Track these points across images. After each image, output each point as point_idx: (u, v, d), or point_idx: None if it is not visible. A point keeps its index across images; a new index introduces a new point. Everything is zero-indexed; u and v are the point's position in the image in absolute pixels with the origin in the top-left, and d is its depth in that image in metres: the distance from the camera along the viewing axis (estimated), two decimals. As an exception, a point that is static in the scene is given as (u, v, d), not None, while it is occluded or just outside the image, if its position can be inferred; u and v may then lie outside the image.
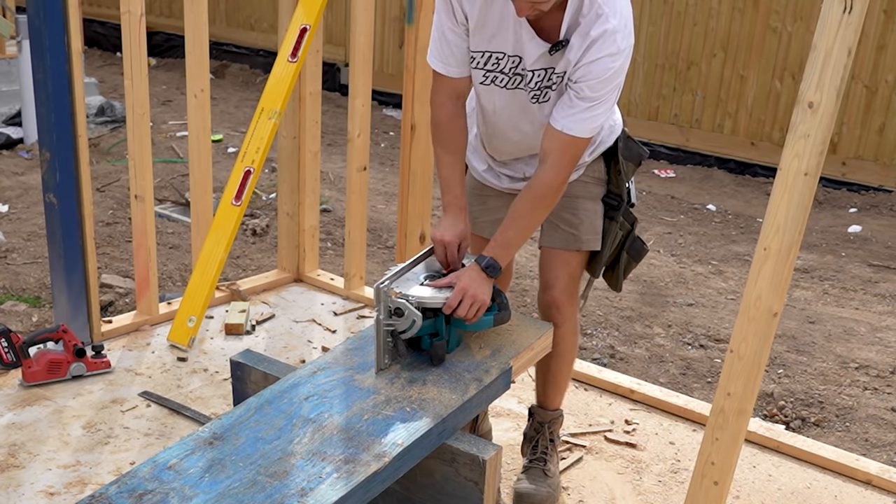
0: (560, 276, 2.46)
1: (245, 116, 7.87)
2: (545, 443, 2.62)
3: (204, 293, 3.37)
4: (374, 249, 5.02)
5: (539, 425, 2.65)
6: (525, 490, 2.52)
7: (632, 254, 2.53)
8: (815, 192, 1.95)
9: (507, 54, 2.21)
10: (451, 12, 2.21)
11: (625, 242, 2.51)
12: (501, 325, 2.34)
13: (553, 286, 2.46)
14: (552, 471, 2.59)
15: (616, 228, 2.46)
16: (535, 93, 2.25)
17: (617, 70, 2.12)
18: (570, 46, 2.12)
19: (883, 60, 6.48)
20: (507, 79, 2.25)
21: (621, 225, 2.47)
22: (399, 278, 2.22)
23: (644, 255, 2.56)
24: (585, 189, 2.44)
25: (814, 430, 3.41)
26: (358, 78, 3.58)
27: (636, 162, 2.49)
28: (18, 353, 2.98)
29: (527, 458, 2.64)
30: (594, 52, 2.09)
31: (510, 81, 2.25)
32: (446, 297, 2.17)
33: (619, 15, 2.10)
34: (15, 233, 4.81)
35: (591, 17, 2.09)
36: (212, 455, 1.81)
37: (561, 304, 2.46)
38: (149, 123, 3.29)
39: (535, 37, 2.15)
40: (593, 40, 2.09)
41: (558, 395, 2.65)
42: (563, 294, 2.46)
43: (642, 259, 2.57)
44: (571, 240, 2.44)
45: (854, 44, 1.84)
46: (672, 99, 7.38)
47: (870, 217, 6.25)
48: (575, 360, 2.68)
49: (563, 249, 2.45)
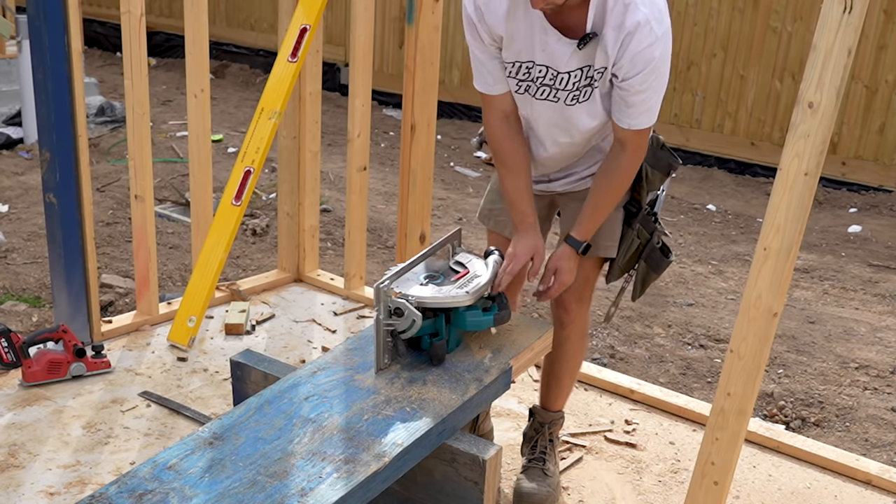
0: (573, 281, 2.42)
1: (245, 116, 7.87)
2: (544, 443, 2.63)
3: (204, 293, 3.37)
4: (374, 249, 5.02)
5: (539, 425, 2.65)
6: (525, 489, 2.53)
7: (650, 264, 2.49)
8: (815, 192, 1.95)
9: (535, 63, 2.20)
10: (476, 35, 2.24)
11: (642, 251, 2.47)
12: (501, 325, 2.34)
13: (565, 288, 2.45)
14: (551, 470, 2.59)
15: (632, 235, 2.44)
16: (574, 94, 2.22)
17: (660, 57, 2.10)
18: (605, 41, 2.10)
19: (883, 60, 6.48)
20: (537, 88, 2.25)
21: (639, 233, 2.44)
22: (399, 278, 2.22)
23: (665, 266, 2.50)
24: None
25: (814, 430, 3.41)
26: (358, 78, 3.58)
27: (664, 171, 2.44)
28: (18, 353, 2.98)
29: (525, 458, 2.64)
30: (634, 46, 2.07)
31: (540, 91, 2.25)
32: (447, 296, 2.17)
33: (647, 1, 2.07)
34: (15, 233, 4.81)
35: (618, 9, 2.06)
36: (212, 455, 1.82)
37: (568, 304, 2.48)
38: (149, 123, 3.29)
39: (561, 38, 2.14)
40: (629, 33, 2.07)
41: (560, 398, 2.65)
42: (572, 295, 2.46)
43: (663, 271, 2.52)
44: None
45: (854, 44, 1.84)
46: (672, 99, 7.38)
47: (870, 217, 6.25)
48: (581, 365, 2.67)
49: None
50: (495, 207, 2.54)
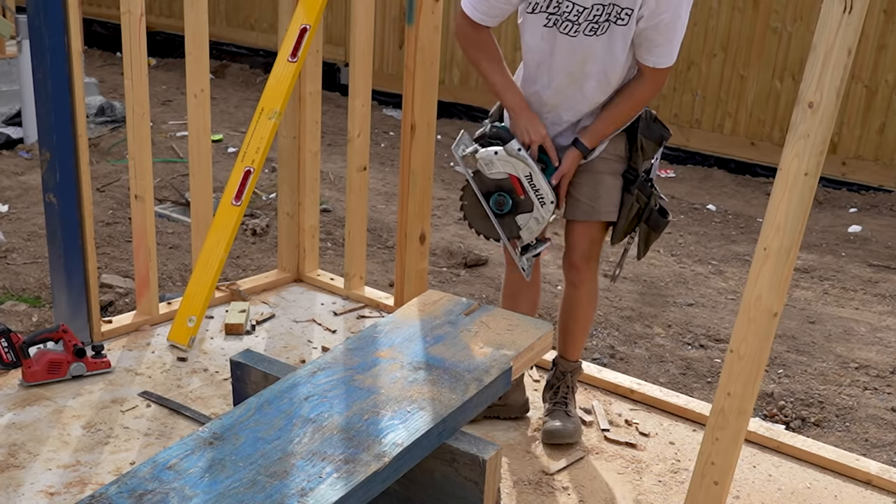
0: (579, 243, 2.73)
1: (245, 116, 7.88)
2: (565, 389, 2.92)
3: (204, 293, 3.37)
4: (374, 249, 5.03)
5: (561, 374, 2.93)
6: (554, 428, 2.80)
7: (651, 224, 2.72)
8: (815, 192, 1.95)
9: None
10: None
11: (642, 214, 2.69)
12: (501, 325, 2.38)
13: (574, 250, 2.75)
14: (573, 412, 2.88)
15: (632, 200, 2.66)
16: (592, 25, 2.44)
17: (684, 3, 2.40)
18: None
19: (883, 60, 6.48)
20: (563, 22, 2.45)
21: (637, 197, 2.67)
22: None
23: (664, 226, 2.75)
24: (607, 165, 2.67)
25: (814, 430, 3.41)
26: (358, 78, 3.58)
27: (657, 141, 2.70)
28: (18, 353, 2.98)
29: (549, 403, 2.92)
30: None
31: (564, 26, 2.46)
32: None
33: None
34: (15, 233, 4.81)
35: None
36: (212, 455, 1.82)
37: (579, 265, 2.75)
38: (149, 123, 3.29)
39: None
40: None
41: (577, 349, 2.93)
42: (581, 257, 2.74)
43: (663, 230, 2.76)
44: (591, 212, 2.68)
45: (854, 44, 1.84)
46: (672, 99, 7.39)
47: (870, 217, 6.25)
48: (592, 320, 2.94)
49: (584, 221, 2.70)
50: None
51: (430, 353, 2.26)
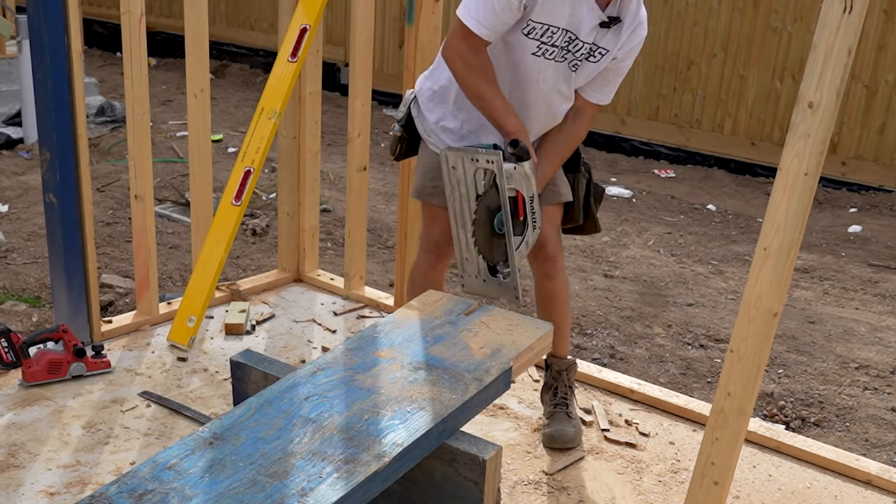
0: (550, 232, 2.72)
1: (245, 116, 7.87)
2: (563, 389, 2.89)
3: (204, 293, 3.37)
4: (374, 249, 5.03)
5: (557, 374, 2.90)
6: (554, 432, 2.79)
7: (595, 198, 2.86)
8: (815, 192, 1.95)
9: (560, 28, 2.42)
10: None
11: (589, 188, 2.82)
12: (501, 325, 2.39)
13: (547, 242, 2.73)
14: (574, 413, 2.87)
15: (581, 178, 2.78)
16: (576, 63, 2.51)
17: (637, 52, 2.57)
18: (622, 27, 2.45)
19: (883, 60, 6.48)
20: (556, 52, 2.48)
21: (583, 174, 2.79)
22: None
23: (603, 194, 2.91)
24: None
25: (814, 430, 3.41)
26: (358, 78, 3.58)
27: None
28: (18, 353, 2.98)
29: (549, 405, 2.89)
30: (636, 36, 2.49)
31: (550, 52, 2.47)
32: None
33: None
34: (15, 233, 4.81)
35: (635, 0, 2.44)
36: (212, 455, 1.81)
37: (555, 256, 2.77)
38: (149, 123, 3.29)
39: (594, 7, 2.40)
40: (640, 23, 2.47)
41: (564, 343, 2.91)
42: (555, 247, 2.77)
43: (603, 199, 2.92)
44: (553, 195, 2.71)
45: (854, 44, 1.84)
46: (672, 99, 7.39)
47: (870, 217, 6.25)
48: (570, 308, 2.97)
49: (550, 205, 2.71)
50: (437, 184, 2.67)
51: (431, 353, 2.26)
